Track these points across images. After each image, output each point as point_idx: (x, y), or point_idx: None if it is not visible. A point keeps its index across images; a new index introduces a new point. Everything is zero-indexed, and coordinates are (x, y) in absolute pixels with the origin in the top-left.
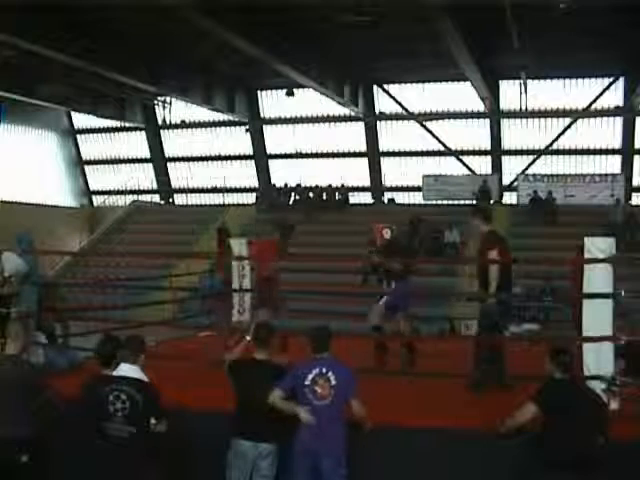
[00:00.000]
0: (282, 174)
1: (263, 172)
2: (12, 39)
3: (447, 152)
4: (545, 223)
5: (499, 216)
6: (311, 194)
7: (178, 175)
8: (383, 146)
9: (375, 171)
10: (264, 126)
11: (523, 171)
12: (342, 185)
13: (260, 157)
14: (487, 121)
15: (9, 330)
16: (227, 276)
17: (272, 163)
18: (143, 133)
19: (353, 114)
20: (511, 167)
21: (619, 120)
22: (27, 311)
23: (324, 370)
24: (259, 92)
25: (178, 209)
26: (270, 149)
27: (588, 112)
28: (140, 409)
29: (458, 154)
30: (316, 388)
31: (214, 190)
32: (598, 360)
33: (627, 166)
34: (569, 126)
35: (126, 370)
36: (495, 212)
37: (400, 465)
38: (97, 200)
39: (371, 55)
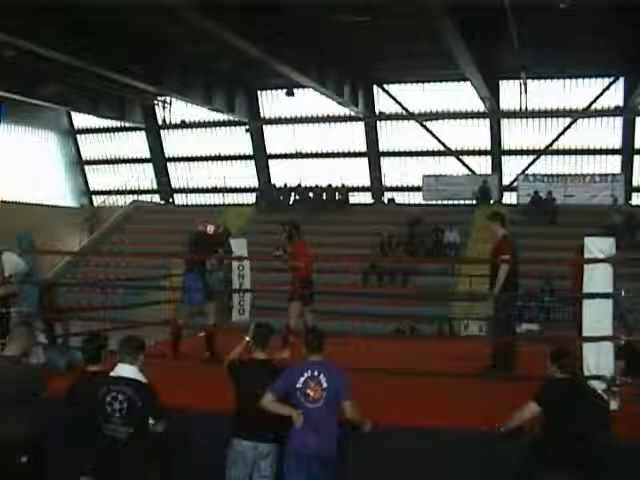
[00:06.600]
0: (282, 174)
1: (263, 172)
2: (12, 39)
3: (447, 152)
4: (545, 223)
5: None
6: (311, 194)
7: (178, 175)
8: (383, 146)
9: (375, 171)
10: (264, 126)
11: (523, 171)
12: (342, 185)
13: (260, 157)
14: (487, 121)
15: (12, 332)
16: (227, 276)
17: (272, 163)
18: (143, 133)
19: (353, 114)
20: (511, 167)
21: (619, 120)
22: (30, 312)
23: (315, 373)
24: (259, 92)
25: (178, 209)
26: (270, 149)
27: (588, 112)
28: (138, 410)
29: (458, 154)
30: (308, 391)
31: (214, 190)
32: (598, 360)
33: (627, 166)
34: (569, 126)
35: (124, 370)
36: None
37: (400, 465)
38: (97, 200)
39: (371, 55)
